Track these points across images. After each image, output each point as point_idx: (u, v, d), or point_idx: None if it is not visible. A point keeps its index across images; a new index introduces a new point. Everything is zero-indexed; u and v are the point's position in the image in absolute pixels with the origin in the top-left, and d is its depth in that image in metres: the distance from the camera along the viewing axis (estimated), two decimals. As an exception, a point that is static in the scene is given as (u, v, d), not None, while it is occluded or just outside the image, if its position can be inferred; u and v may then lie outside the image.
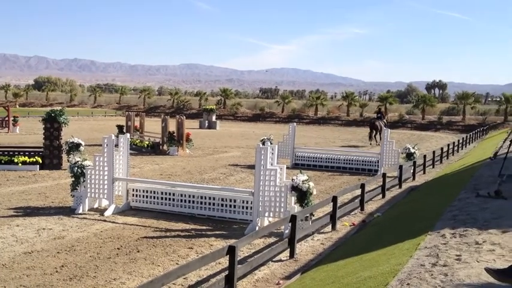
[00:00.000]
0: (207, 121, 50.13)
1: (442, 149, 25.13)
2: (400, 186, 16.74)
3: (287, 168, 12.30)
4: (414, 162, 18.79)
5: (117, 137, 13.22)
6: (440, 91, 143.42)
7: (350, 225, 11.42)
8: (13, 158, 18.07)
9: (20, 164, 17.93)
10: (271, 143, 18.83)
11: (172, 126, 25.10)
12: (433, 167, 22.09)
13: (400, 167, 17.07)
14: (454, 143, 29.58)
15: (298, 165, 20.82)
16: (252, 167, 16.86)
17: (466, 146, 33.67)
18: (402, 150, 20.01)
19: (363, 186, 13.09)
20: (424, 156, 20.95)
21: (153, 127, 30.07)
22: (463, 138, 34.38)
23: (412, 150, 19.71)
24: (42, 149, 18.65)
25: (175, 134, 24.56)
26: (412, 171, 18.61)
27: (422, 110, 64.51)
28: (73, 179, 12.47)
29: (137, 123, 29.27)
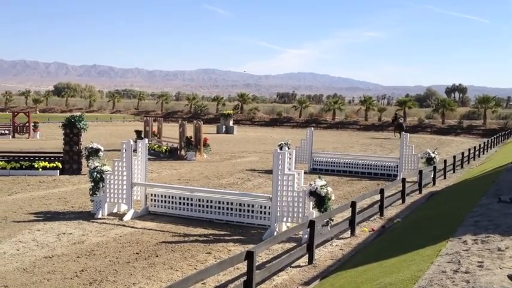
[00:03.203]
0: (224, 126, 50.26)
1: (462, 153, 24.81)
2: (420, 192, 16.55)
3: (305, 173, 12.24)
4: (434, 167, 18.57)
5: (135, 142, 13.30)
6: (461, 95, 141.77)
7: (369, 231, 11.31)
8: (34, 163, 18.30)
9: (40, 169, 18.16)
10: (288, 148, 18.79)
11: (189, 131, 25.21)
12: (454, 172, 21.81)
13: (420, 172, 16.88)
14: (474, 147, 29.17)
15: (316, 170, 20.72)
16: (269, 172, 16.82)
17: (487, 151, 33.19)
18: (422, 155, 19.80)
19: (382, 191, 12.97)
20: (445, 161, 20.70)
21: (170, 132, 30.26)
22: (484, 142, 33.91)
23: (432, 155, 19.50)
24: (62, 155, 18.86)
25: (192, 139, 24.66)
26: (432, 176, 18.39)
27: (442, 114, 63.85)
28: (92, 184, 12.57)
29: (155, 129, 29.47)
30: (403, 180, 15.11)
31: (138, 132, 29.90)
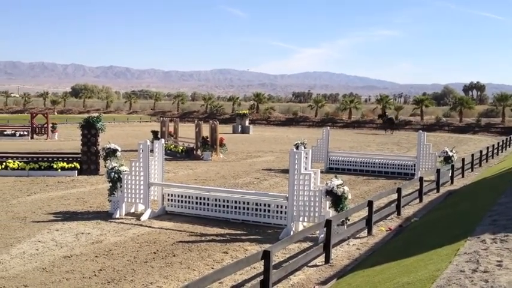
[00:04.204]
0: (240, 126, 50.34)
1: (481, 152, 24.52)
2: (438, 191, 16.40)
3: (321, 172, 12.21)
4: (452, 166, 18.39)
5: (152, 142, 13.41)
6: (479, 93, 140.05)
7: (386, 230, 11.25)
8: (52, 164, 18.54)
9: (59, 170, 18.38)
10: (304, 147, 18.79)
11: (205, 131, 25.31)
12: (472, 171, 21.58)
13: (438, 171, 16.73)
14: (493, 145, 28.82)
15: (332, 169, 20.66)
16: (285, 171, 16.80)
17: (505, 149, 32.76)
18: (440, 154, 19.62)
19: (399, 190, 12.88)
20: (463, 160, 20.48)
21: (186, 132, 30.38)
22: (502, 140, 33.48)
23: (450, 154, 19.30)
24: (80, 155, 19.07)
25: (208, 139, 24.75)
26: (450, 175, 18.21)
27: (459, 113, 63.16)
28: (110, 184, 12.69)
29: (171, 129, 29.62)
30: (421, 179, 14.99)
31: (154, 133, 30.10)
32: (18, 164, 18.41)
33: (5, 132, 36.63)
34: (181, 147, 25.96)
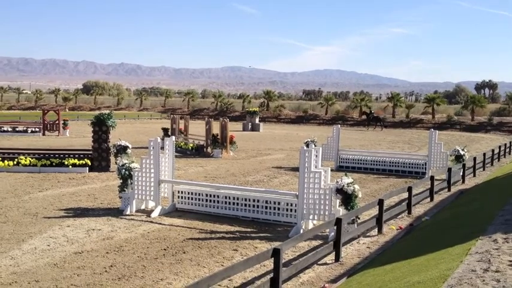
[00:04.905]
0: (250, 123, 50.31)
1: (493, 150, 24.31)
2: (449, 190, 16.30)
3: (331, 170, 12.18)
4: (464, 165, 18.25)
5: (162, 139, 13.44)
6: (491, 91, 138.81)
7: (397, 229, 11.20)
8: (63, 161, 18.66)
9: (70, 166, 18.51)
10: (315, 145, 18.71)
11: (216, 128, 25.33)
12: (484, 170, 21.41)
13: (449, 170, 16.62)
14: (505, 144, 28.56)
15: (342, 167, 20.61)
16: (295, 169, 16.78)
17: (518, 148, 32.42)
18: (451, 153, 19.49)
19: (410, 189, 12.81)
20: (474, 159, 20.32)
21: (197, 130, 30.45)
22: (514, 139, 33.11)
23: (462, 152, 19.16)
24: (91, 152, 19.17)
25: (219, 137, 24.78)
26: (461, 174, 18.08)
27: (471, 111, 62.59)
28: (121, 181, 12.75)
29: (182, 126, 29.68)
30: (432, 178, 14.91)
31: (165, 130, 30.18)
32: (30, 161, 18.56)
33: (17, 129, 36.92)
34: (191, 145, 26.02)
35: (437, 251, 7.62)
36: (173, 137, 13.59)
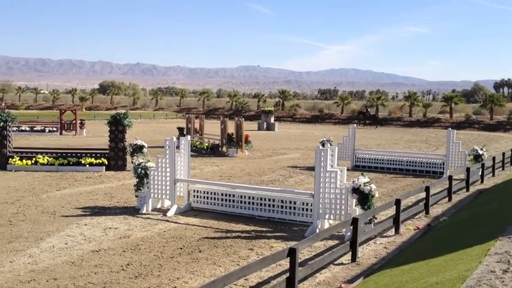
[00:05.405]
0: (265, 123, 50.30)
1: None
2: (468, 189, 16.10)
3: (347, 170, 12.10)
4: (482, 164, 18.02)
5: (178, 139, 13.48)
6: (510, 90, 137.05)
7: (414, 229, 11.09)
8: (81, 160, 18.83)
9: (87, 165, 18.66)
10: (331, 145, 18.62)
11: (231, 128, 25.36)
12: (503, 169, 21.13)
13: (468, 169, 16.41)
14: (524, 144, 28.13)
15: (359, 167, 20.48)
16: (311, 168, 16.72)
17: (537, 147, 31.93)
18: (469, 152, 19.26)
19: (427, 189, 12.67)
20: (493, 158, 20.05)
21: (212, 129, 30.49)
22: (534, 139, 32.63)
23: (480, 152, 18.93)
24: (107, 151, 19.31)
25: (234, 136, 24.79)
26: (480, 173, 17.85)
27: (490, 110, 61.82)
28: (137, 180, 12.82)
29: (197, 126, 29.79)
30: (450, 178, 14.73)
31: (180, 129, 30.31)
32: (47, 160, 18.76)
33: (35, 128, 37.36)
34: (206, 144, 26.08)
35: (455, 251, 7.52)
36: (188, 137, 13.62)
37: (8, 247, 9.18)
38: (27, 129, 36.74)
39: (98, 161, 18.89)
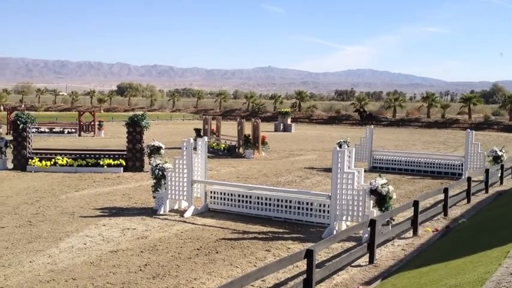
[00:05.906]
0: (282, 124, 50.25)
1: (532, 151, 23.59)
2: (487, 191, 15.90)
3: (365, 171, 12.03)
4: (502, 166, 17.79)
5: (195, 140, 13.55)
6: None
7: (433, 231, 10.98)
8: (99, 161, 19.02)
9: (105, 166, 18.84)
10: (348, 146, 18.54)
11: (247, 129, 25.38)
12: (523, 171, 20.79)
13: (487, 171, 16.21)
14: (545, 145, 27.67)
15: (376, 168, 20.34)
16: (328, 170, 16.65)
17: (559, 149, 31.40)
18: (488, 153, 19.02)
19: (446, 190, 12.54)
20: (513, 159, 19.77)
21: (229, 130, 30.56)
22: (555, 140, 32.10)
23: (500, 153, 18.68)
24: (125, 152, 19.47)
25: (251, 137, 24.82)
26: (499, 175, 17.62)
27: (509, 111, 60.91)
28: (154, 181, 12.91)
29: (214, 127, 29.86)
30: (469, 179, 14.57)
31: (197, 131, 30.42)
32: (66, 161, 18.98)
33: (54, 130, 37.84)
34: (223, 145, 26.15)
35: (474, 253, 7.44)
36: (205, 138, 13.67)
37: (27, 247, 9.32)
38: (47, 130, 37.23)
39: (116, 162, 19.06)
